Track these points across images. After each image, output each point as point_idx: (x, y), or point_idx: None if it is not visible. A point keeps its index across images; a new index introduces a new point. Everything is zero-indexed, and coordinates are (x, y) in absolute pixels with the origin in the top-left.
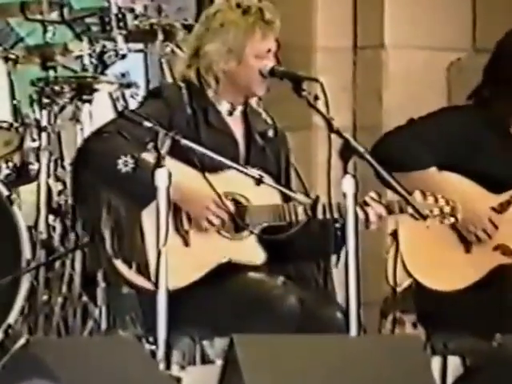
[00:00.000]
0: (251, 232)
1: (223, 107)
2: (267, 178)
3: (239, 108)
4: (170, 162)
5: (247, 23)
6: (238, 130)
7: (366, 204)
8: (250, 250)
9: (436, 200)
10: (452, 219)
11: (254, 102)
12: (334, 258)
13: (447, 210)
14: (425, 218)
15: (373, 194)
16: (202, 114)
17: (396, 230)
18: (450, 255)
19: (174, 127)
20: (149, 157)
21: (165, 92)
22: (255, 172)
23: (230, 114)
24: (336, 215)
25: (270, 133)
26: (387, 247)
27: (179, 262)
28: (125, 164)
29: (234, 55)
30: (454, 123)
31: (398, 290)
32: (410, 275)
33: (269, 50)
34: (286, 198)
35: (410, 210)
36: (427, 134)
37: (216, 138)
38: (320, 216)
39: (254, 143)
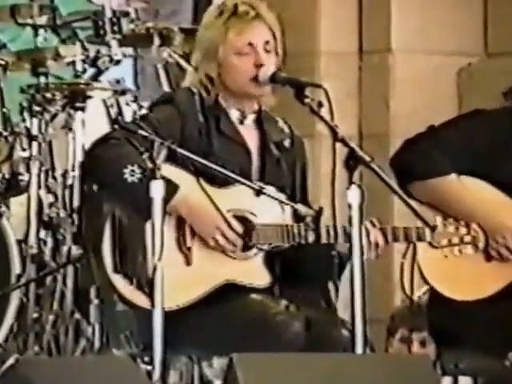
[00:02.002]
0: (258, 250)
1: (234, 115)
2: (271, 190)
3: (251, 116)
4: (178, 172)
5: (220, 22)
6: (251, 140)
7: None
8: (254, 272)
9: (457, 228)
10: (472, 249)
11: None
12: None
13: (468, 239)
14: (434, 229)
15: (373, 221)
16: (214, 122)
17: None
18: (469, 263)
19: (186, 136)
20: None
21: (177, 97)
22: (257, 184)
23: (241, 122)
24: (341, 239)
25: (287, 143)
26: (403, 251)
27: (180, 280)
28: (131, 174)
29: (210, 57)
30: (478, 129)
31: (412, 299)
32: (426, 282)
33: (250, 44)
34: (297, 215)
35: (428, 238)
36: (450, 142)
37: (228, 148)
38: (323, 231)
39: (269, 154)
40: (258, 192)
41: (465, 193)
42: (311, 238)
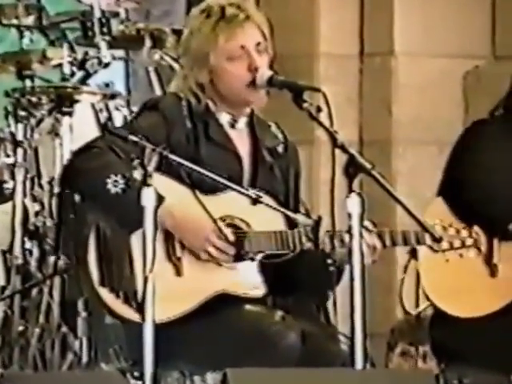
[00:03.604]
0: (252, 259)
1: (224, 119)
2: (266, 199)
3: (243, 119)
4: (163, 181)
5: (208, 27)
6: (242, 146)
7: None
8: (248, 281)
9: (458, 231)
10: (473, 252)
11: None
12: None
13: (469, 242)
14: (439, 240)
15: (367, 226)
16: (202, 128)
17: (415, 249)
18: (473, 279)
19: (173, 143)
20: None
21: (162, 103)
22: (252, 192)
23: (232, 126)
24: (337, 245)
25: (280, 148)
26: (404, 266)
27: (170, 292)
28: (114, 184)
29: (200, 65)
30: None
31: (412, 316)
32: (428, 299)
33: (242, 47)
34: (291, 223)
35: (428, 242)
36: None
37: (217, 154)
38: (325, 241)
39: (262, 161)
40: (255, 201)
41: None
42: (307, 245)
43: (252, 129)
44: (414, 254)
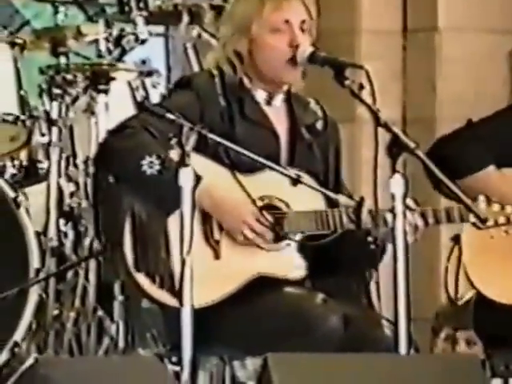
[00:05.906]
0: (292, 240)
1: (260, 96)
2: (307, 179)
3: (279, 96)
4: (200, 161)
5: None
6: (280, 123)
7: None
8: (288, 263)
9: (502, 207)
10: None
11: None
12: (369, 274)
13: None
14: (484, 221)
15: (408, 204)
16: (237, 106)
17: (459, 235)
18: None
19: (207, 122)
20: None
21: (195, 81)
22: (293, 172)
23: (269, 103)
24: (380, 225)
25: (319, 125)
26: (448, 253)
27: (208, 275)
28: (150, 165)
29: (242, 33)
30: None
31: (459, 302)
32: (472, 286)
33: (287, 21)
34: (331, 203)
35: (472, 219)
36: (487, 134)
37: (253, 132)
38: (366, 221)
39: (301, 139)
40: (295, 181)
41: (505, 183)
42: (349, 225)
43: (289, 106)
44: (457, 240)
